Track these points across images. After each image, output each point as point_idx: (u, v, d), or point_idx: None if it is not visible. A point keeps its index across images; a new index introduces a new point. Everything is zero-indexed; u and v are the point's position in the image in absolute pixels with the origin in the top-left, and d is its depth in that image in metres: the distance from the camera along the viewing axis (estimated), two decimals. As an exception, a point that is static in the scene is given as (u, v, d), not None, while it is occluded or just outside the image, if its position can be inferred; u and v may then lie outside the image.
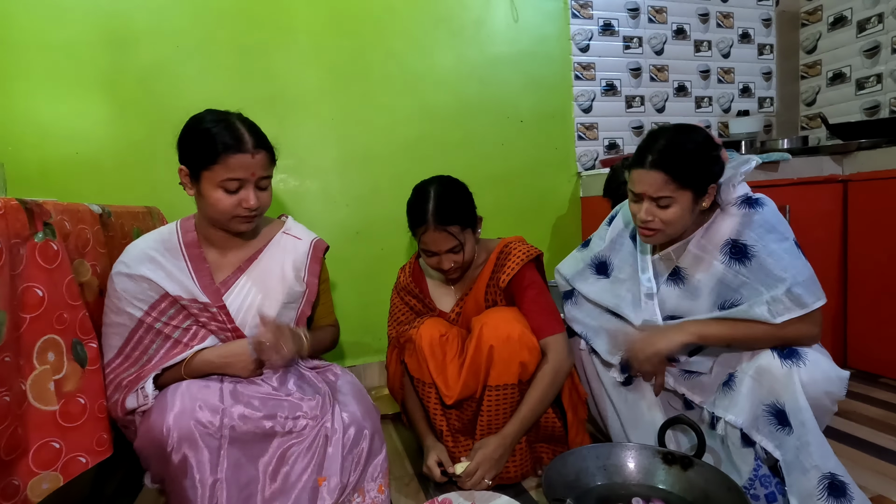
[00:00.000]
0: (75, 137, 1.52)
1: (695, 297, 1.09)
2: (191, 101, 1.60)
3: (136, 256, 0.97)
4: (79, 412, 0.85)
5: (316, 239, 1.15)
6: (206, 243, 1.04)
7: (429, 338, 1.16)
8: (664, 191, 1.02)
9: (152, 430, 0.86)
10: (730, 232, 1.05)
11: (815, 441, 0.93)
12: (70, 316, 0.84)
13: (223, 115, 0.99)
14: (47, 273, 0.80)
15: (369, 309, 1.83)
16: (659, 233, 1.07)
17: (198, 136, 0.95)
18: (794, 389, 0.94)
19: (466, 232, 1.15)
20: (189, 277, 0.98)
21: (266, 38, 1.67)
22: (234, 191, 0.95)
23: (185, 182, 0.99)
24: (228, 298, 1.01)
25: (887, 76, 2.08)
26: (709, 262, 1.07)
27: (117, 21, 1.54)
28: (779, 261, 1.00)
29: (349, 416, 0.98)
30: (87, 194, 1.52)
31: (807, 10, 2.37)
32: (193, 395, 0.89)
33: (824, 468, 0.93)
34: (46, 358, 0.80)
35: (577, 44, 2.04)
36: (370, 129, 1.80)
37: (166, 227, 1.05)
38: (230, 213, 0.96)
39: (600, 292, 1.23)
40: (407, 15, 1.81)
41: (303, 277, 1.08)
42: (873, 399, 1.52)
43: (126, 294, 0.95)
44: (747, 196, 1.07)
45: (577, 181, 2.08)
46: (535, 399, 1.10)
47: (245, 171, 0.95)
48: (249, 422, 0.91)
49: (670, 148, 1.02)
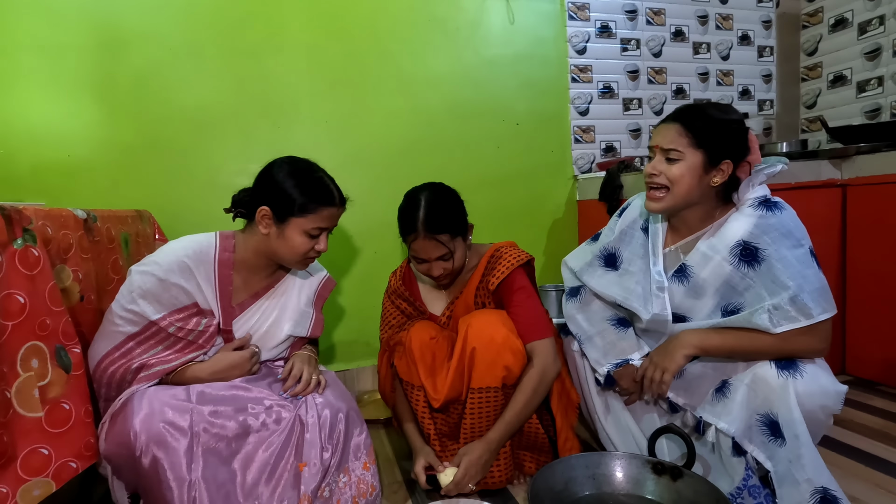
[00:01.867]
0: (67, 140, 1.52)
1: (699, 296, 1.08)
2: (184, 103, 1.61)
3: (172, 262, 0.98)
4: (65, 418, 0.84)
5: (326, 277, 1.21)
6: (239, 266, 1.07)
7: (419, 341, 1.16)
8: (676, 143, 1.03)
9: (119, 436, 0.86)
10: (742, 233, 1.03)
11: (807, 454, 0.92)
12: (53, 322, 0.84)
13: (312, 167, 1.07)
14: (29, 279, 0.80)
15: (362, 313, 1.82)
16: (664, 193, 1.06)
17: (295, 186, 1.01)
18: (789, 401, 0.93)
19: (457, 240, 1.15)
20: (214, 295, 1.02)
21: (259, 41, 1.67)
22: (315, 236, 1.03)
23: (262, 222, 1.02)
24: (240, 321, 1.06)
25: (888, 79, 2.06)
26: (717, 263, 1.05)
27: (110, 24, 1.53)
28: (788, 267, 0.98)
29: (322, 399, 0.99)
30: (78, 196, 1.52)
31: (807, 11, 2.35)
32: (160, 397, 0.90)
33: (817, 482, 0.92)
34: (30, 365, 0.79)
35: (574, 46, 2.03)
36: (364, 132, 1.79)
37: (204, 237, 1.06)
38: (304, 255, 1.04)
39: (609, 285, 1.20)
40: (402, 16, 1.80)
41: (310, 314, 1.15)
42: (871, 407, 1.50)
43: (149, 295, 0.95)
44: (766, 198, 1.05)
45: (573, 184, 2.06)
46: (520, 404, 1.09)
47: (331, 221, 1.05)
48: (221, 417, 0.91)
49: (695, 108, 1.06)
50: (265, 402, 0.95)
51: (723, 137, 1.02)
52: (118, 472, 0.89)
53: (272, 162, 1.06)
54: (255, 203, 1.03)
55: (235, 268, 1.06)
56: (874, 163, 1.64)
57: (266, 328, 1.09)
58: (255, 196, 1.04)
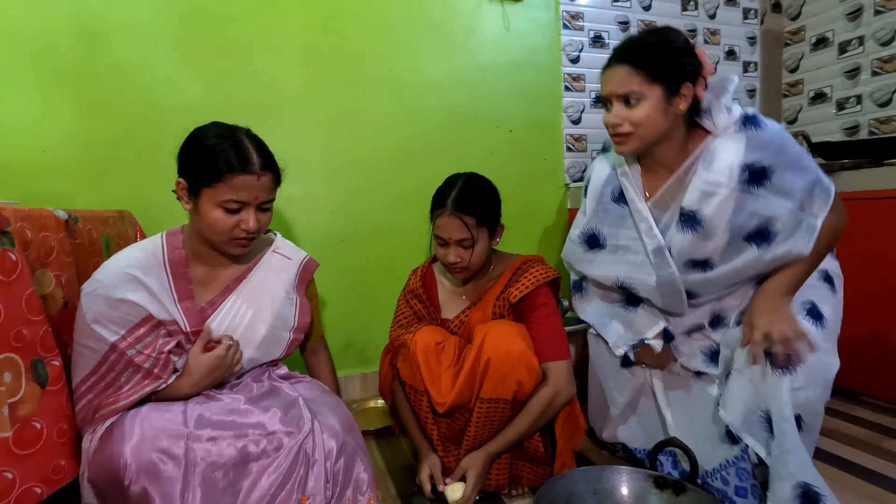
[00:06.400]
0: (42, 134, 1.43)
1: (711, 236, 1.03)
2: (167, 100, 1.54)
3: (116, 276, 0.89)
4: (34, 438, 0.78)
5: (306, 259, 1.12)
6: (195, 260, 0.99)
7: (423, 345, 1.13)
8: (631, 84, 0.97)
9: (108, 462, 0.78)
10: (740, 157, 0.98)
11: (793, 450, 0.92)
12: (30, 332, 0.78)
13: (231, 131, 0.94)
14: (5, 286, 0.74)
15: (351, 320, 1.78)
16: (631, 137, 1.01)
17: (202, 151, 0.91)
18: (781, 399, 0.93)
19: (482, 230, 1.12)
20: (171, 300, 0.93)
21: (249, 38, 1.61)
22: (234, 211, 0.91)
23: (181, 195, 0.94)
24: (215, 320, 0.96)
25: (867, 98, 2.13)
26: (723, 196, 1.00)
27: (91, 12, 1.45)
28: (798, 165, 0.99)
29: (328, 429, 0.92)
30: (54, 195, 1.43)
31: (790, 29, 2.42)
32: (153, 422, 0.82)
33: (799, 477, 0.92)
34: (3, 379, 0.73)
35: (568, 55, 2.03)
36: (357, 135, 1.75)
37: (149, 241, 0.98)
38: (227, 234, 0.92)
39: (605, 268, 1.18)
40: (398, 19, 1.77)
41: (294, 300, 1.06)
42: (855, 417, 1.53)
43: (100, 317, 0.87)
44: (745, 116, 1.02)
45: (564, 192, 2.06)
46: (525, 424, 1.07)
47: (249, 193, 0.91)
48: (219, 443, 0.84)
49: (637, 43, 1.00)
50: (267, 428, 0.88)
51: (675, 62, 0.98)
52: (103, 498, 0.81)
53: (194, 128, 0.96)
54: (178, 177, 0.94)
55: (190, 264, 0.98)
56: (858, 178, 1.68)
57: (247, 322, 1.00)
58: (178, 168, 0.95)
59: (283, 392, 0.97)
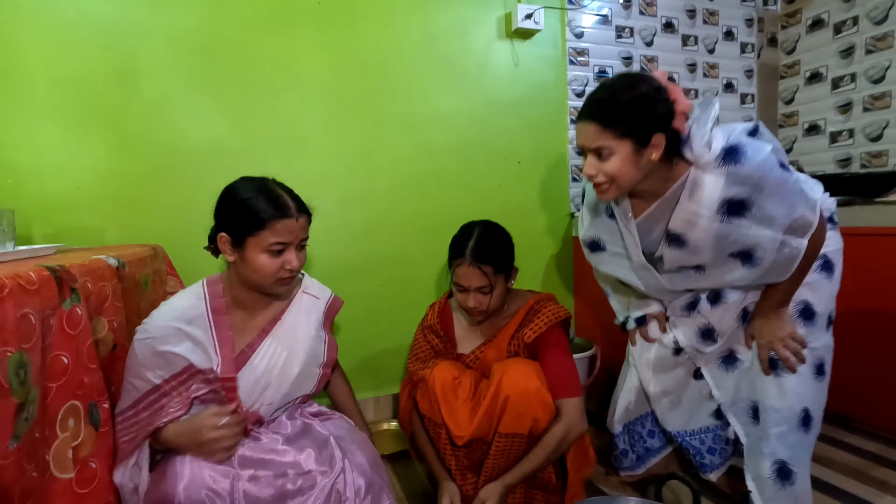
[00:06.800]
0: (76, 171, 1.50)
1: (698, 253, 1.10)
2: (194, 137, 1.61)
3: (164, 329, 0.97)
4: (91, 476, 0.84)
5: (332, 297, 1.20)
6: (234, 306, 1.06)
7: (441, 380, 1.20)
8: (600, 141, 0.98)
9: (162, 501, 0.86)
10: (719, 192, 1.00)
11: (774, 434, 1.12)
12: (89, 379, 0.84)
13: (262, 182, 1.03)
14: (72, 339, 0.80)
15: (366, 345, 1.85)
16: (609, 186, 1.03)
17: (241, 205, 0.99)
18: (770, 394, 1.14)
19: (499, 276, 1.20)
20: (213, 346, 1.00)
21: (272, 78, 1.69)
22: (278, 252, 0.99)
23: (224, 249, 1.01)
24: (254, 362, 1.03)
25: (859, 132, 2.22)
26: (704, 226, 1.04)
27: (125, 55, 1.53)
28: (778, 198, 0.99)
29: (358, 468, 0.99)
30: (86, 229, 1.50)
31: (786, 63, 2.52)
32: (202, 464, 0.90)
33: (778, 455, 1.12)
34: (67, 425, 0.79)
35: (574, 90, 2.12)
36: (373, 168, 1.83)
37: (192, 290, 1.06)
38: (274, 276, 1.00)
39: (608, 266, 1.30)
40: (413, 58, 1.85)
41: (323, 337, 1.14)
42: (846, 444, 1.61)
43: (147, 363, 0.95)
44: (725, 150, 0.99)
45: (570, 221, 2.14)
46: (540, 457, 1.14)
47: (290, 234, 1.00)
48: (260, 482, 0.92)
49: (603, 99, 0.99)
50: (302, 467, 0.95)
51: (641, 117, 0.97)
52: None
53: (225, 188, 1.03)
54: (216, 233, 1.02)
55: (231, 310, 1.06)
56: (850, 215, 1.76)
57: (283, 362, 1.07)
58: (215, 225, 1.03)
59: (315, 431, 1.05)
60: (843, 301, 1.75)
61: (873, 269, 1.64)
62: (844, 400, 1.78)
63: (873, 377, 1.66)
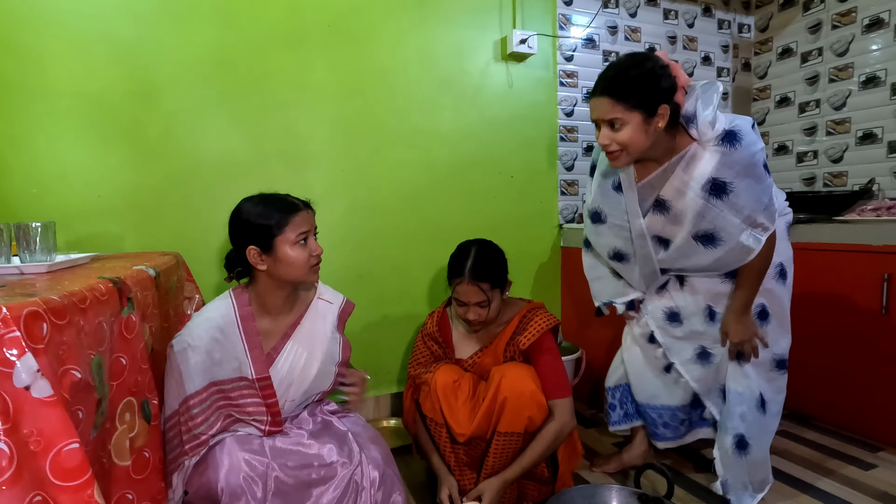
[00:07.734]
0: (97, 182, 1.59)
1: (677, 223, 1.26)
2: (209, 150, 1.71)
3: (200, 339, 1.07)
4: (144, 465, 0.95)
5: (344, 302, 1.30)
6: (261, 312, 1.16)
7: (442, 383, 1.33)
8: (613, 113, 1.12)
9: (206, 486, 0.98)
10: (710, 170, 1.14)
11: (736, 412, 1.33)
12: (142, 378, 0.95)
13: (263, 194, 1.15)
14: (129, 343, 0.91)
15: (368, 347, 1.96)
16: (621, 153, 1.16)
17: (261, 216, 1.09)
18: (736, 378, 1.34)
19: (495, 291, 1.33)
20: (244, 351, 1.10)
21: (283, 95, 1.79)
22: (304, 241, 1.11)
23: (255, 261, 1.10)
24: (278, 364, 1.14)
25: (822, 153, 2.42)
26: (691, 197, 1.19)
27: (145, 73, 1.62)
28: (749, 195, 1.15)
29: (373, 461, 1.11)
30: (106, 237, 1.59)
31: (758, 87, 2.71)
32: (239, 454, 1.01)
33: (738, 430, 1.33)
34: (125, 419, 0.90)
35: (563, 109, 2.27)
36: (376, 181, 1.95)
37: (220, 301, 1.15)
38: (307, 264, 1.11)
39: (606, 238, 1.43)
40: (415, 79, 1.98)
41: (337, 339, 1.24)
42: (805, 440, 1.78)
43: (186, 370, 1.06)
44: (726, 132, 1.13)
45: (558, 232, 2.29)
46: (536, 453, 1.27)
47: (307, 224, 1.13)
48: (290, 471, 1.03)
49: (615, 75, 1.13)
50: (325, 459, 1.07)
51: (649, 90, 1.10)
52: None
53: (231, 213, 1.14)
54: (242, 251, 1.11)
55: (257, 316, 1.16)
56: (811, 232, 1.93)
57: (304, 362, 1.17)
58: (238, 246, 1.12)
59: (335, 427, 1.17)
60: (806, 309, 1.93)
61: (833, 281, 1.82)
62: (805, 400, 1.95)
63: (831, 379, 1.84)
